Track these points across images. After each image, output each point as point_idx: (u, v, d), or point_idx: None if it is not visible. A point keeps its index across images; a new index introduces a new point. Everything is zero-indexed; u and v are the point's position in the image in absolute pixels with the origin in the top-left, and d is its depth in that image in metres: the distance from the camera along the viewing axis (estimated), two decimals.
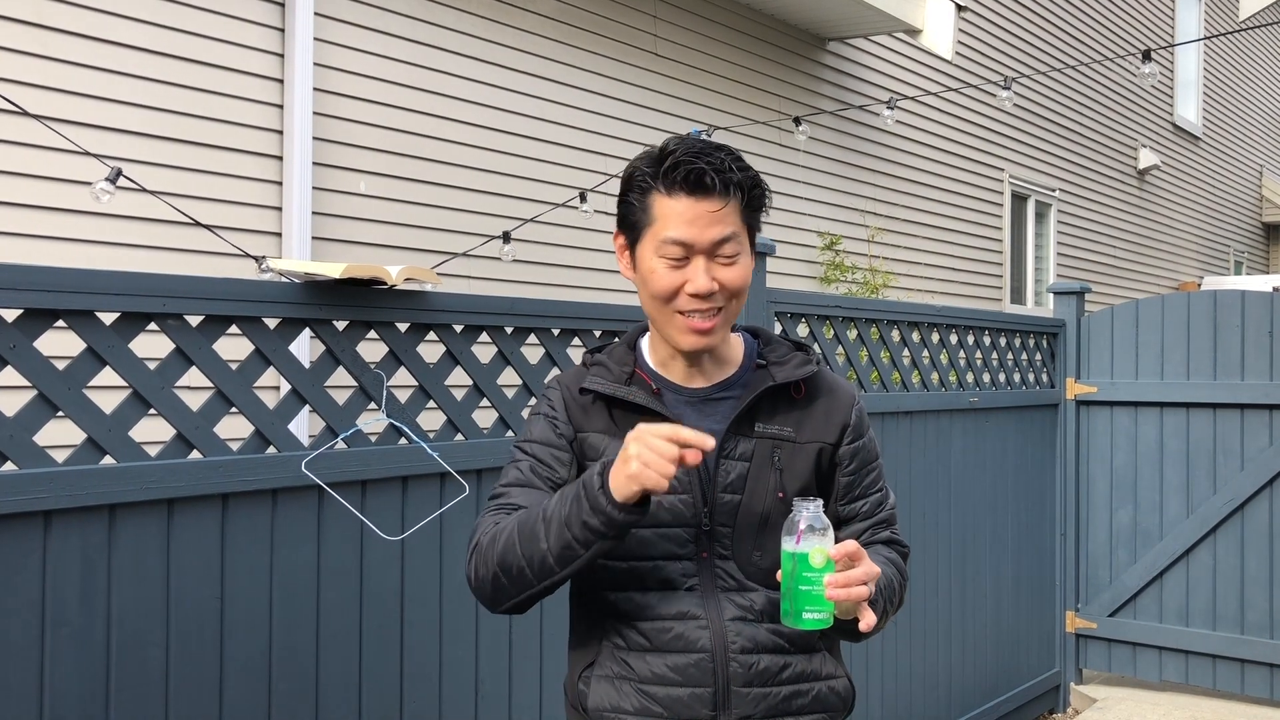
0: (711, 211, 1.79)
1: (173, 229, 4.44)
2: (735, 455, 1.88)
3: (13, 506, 2.05)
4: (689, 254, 1.80)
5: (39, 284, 2.11)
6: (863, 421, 1.99)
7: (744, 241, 1.85)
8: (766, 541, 1.86)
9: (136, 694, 2.22)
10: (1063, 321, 5.78)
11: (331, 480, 2.53)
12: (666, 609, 1.86)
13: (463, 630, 2.83)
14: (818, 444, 1.93)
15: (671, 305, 1.83)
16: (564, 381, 2.01)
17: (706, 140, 1.86)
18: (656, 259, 1.82)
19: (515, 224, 5.67)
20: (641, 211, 1.83)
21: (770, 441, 1.90)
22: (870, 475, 2.00)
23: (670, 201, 1.80)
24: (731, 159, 1.83)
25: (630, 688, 1.87)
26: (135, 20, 4.43)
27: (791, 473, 1.89)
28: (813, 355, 1.99)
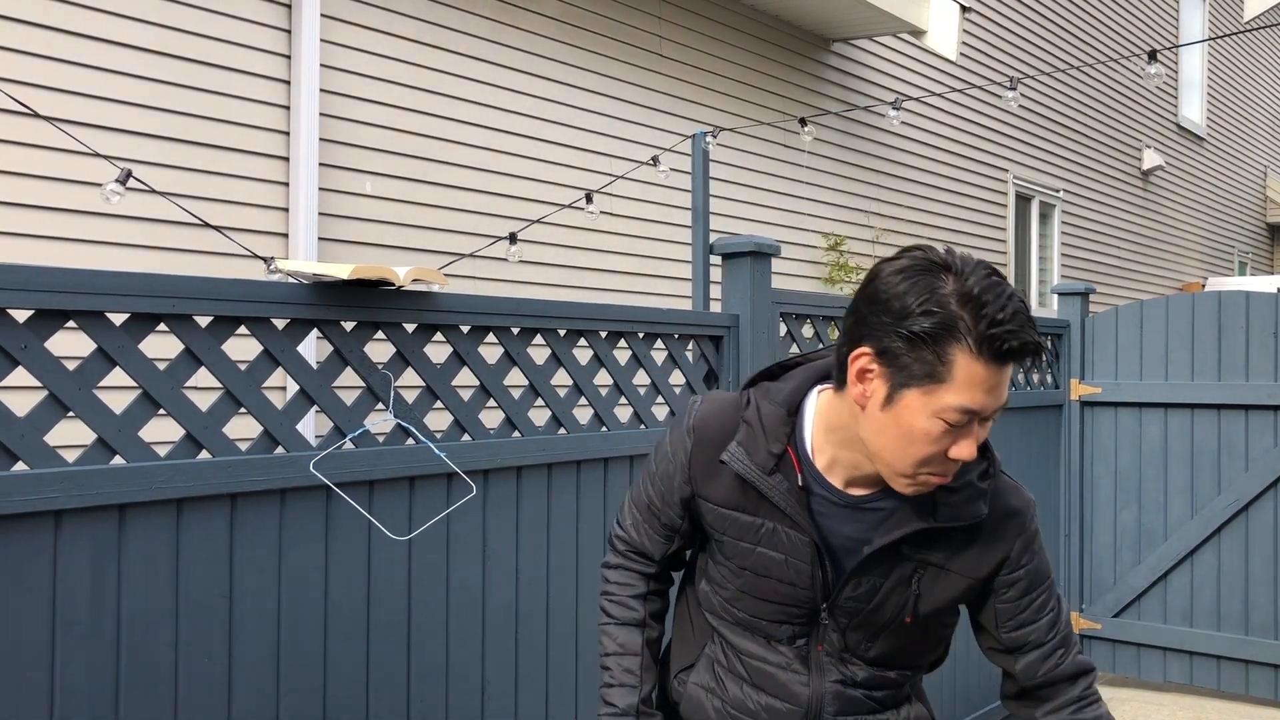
0: (1006, 378, 1.60)
1: (180, 230, 4.46)
2: (870, 571, 1.76)
3: (24, 506, 2.06)
4: (970, 420, 1.60)
5: (49, 285, 2.12)
6: (1028, 549, 1.79)
7: None
8: (881, 640, 1.83)
9: (146, 693, 2.23)
10: (1067, 322, 5.78)
11: (339, 480, 2.54)
12: (772, 656, 1.87)
13: (469, 630, 2.84)
14: (967, 579, 1.78)
15: (921, 463, 1.62)
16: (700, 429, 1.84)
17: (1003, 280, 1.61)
18: (932, 419, 1.58)
19: (521, 225, 5.68)
20: (933, 361, 1.56)
21: (914, 563, 1.76)
22: (1038, 599, 1.81)
23: (977, 366, 1.55)
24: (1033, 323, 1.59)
25: (721, 706, 1.91)
26: (142, 21, 4.44)
27: (929, 599, 1.78)
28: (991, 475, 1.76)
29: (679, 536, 1.95)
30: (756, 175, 7.66)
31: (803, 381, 1.81)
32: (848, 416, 1.69)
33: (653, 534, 1.96)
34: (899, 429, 1.60)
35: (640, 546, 1.99)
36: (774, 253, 3.76)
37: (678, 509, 1.89)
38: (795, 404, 1.79)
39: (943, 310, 1.56)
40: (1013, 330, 1.55)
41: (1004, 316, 1.55)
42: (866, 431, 1.65)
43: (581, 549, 3.14)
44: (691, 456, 1.83)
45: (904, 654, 1.87)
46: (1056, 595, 1.86)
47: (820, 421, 1.76)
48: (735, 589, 1.86)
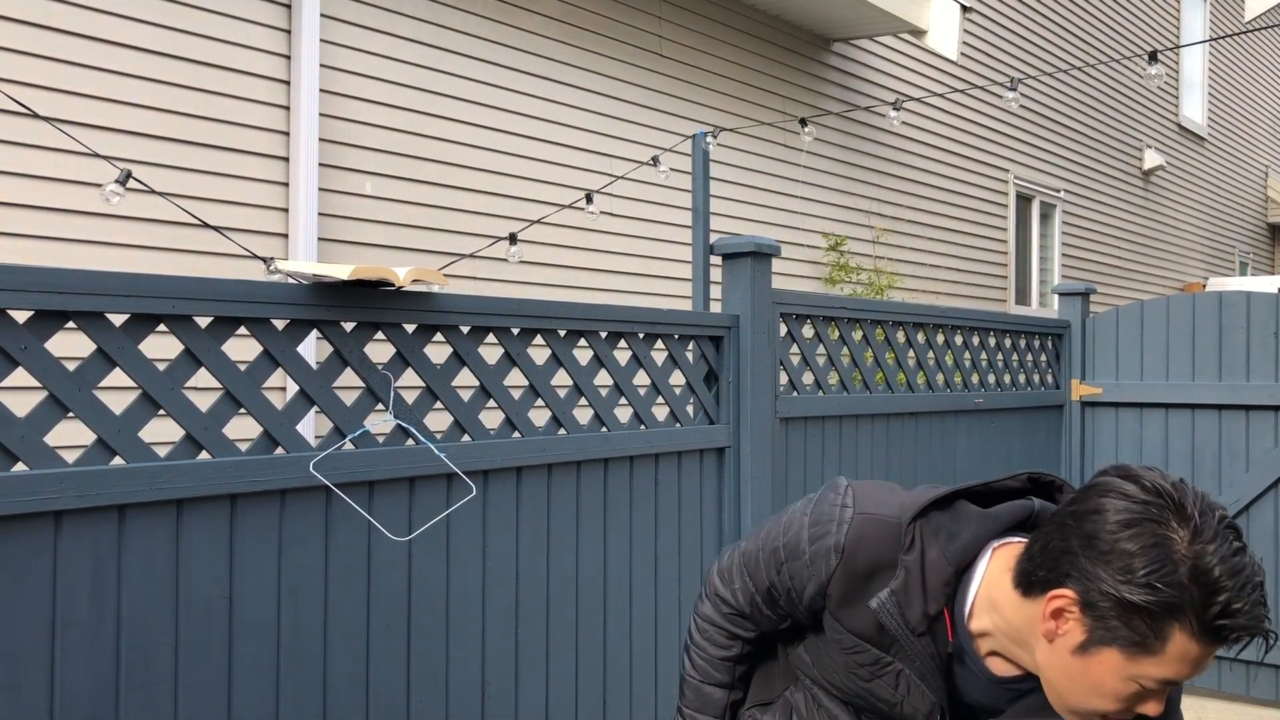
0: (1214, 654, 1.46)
1: (179, 230, 4.46)
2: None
3: (24, 507, 2.06)
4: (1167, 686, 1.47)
5: (49, 285, 2.12)
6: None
7: None
8: None
9: (146, 693, 2.23)
10: (1068, 322, 5.78)
11: (339, 481, 2.54)
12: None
13: (469, 631, 2.84)
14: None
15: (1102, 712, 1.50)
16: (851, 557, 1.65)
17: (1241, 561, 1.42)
18: (1128, 682, 1.45)
19: (521, 225, 5.68)
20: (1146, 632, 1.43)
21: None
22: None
23: (1191, 645, 1.41)
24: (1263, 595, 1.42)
25: None
26: (141, 22, 4.44)
27: None
28: None
29: (792, 621, 1.82)
30: (757, 175, 7.66)
31: (979, 533, 1.62)
32: (1022, 623, 1.54)
33: (765, 611, 1.82)
34: (1088, 680, 1.47)
35: (745, 613, 1.86)
36: (774, 253, 3.76)
37: (803, 610, 1.73)
38: (967, 562, 1.61)
39: (1170, 588, 1.39)
40: (1245, 626, 1.39)
41: (1240, 607, 1.39)
42: (1047, 663, 1.52)
43: (581, 550, 3.14)
44: (833, 578, 1.66)
45: None
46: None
47: (986, 591, 1.59)
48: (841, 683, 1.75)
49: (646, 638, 3.36)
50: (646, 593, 3.37)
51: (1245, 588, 1.39)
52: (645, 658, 3.35)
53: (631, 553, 3.32)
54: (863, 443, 4.28)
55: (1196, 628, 1.39)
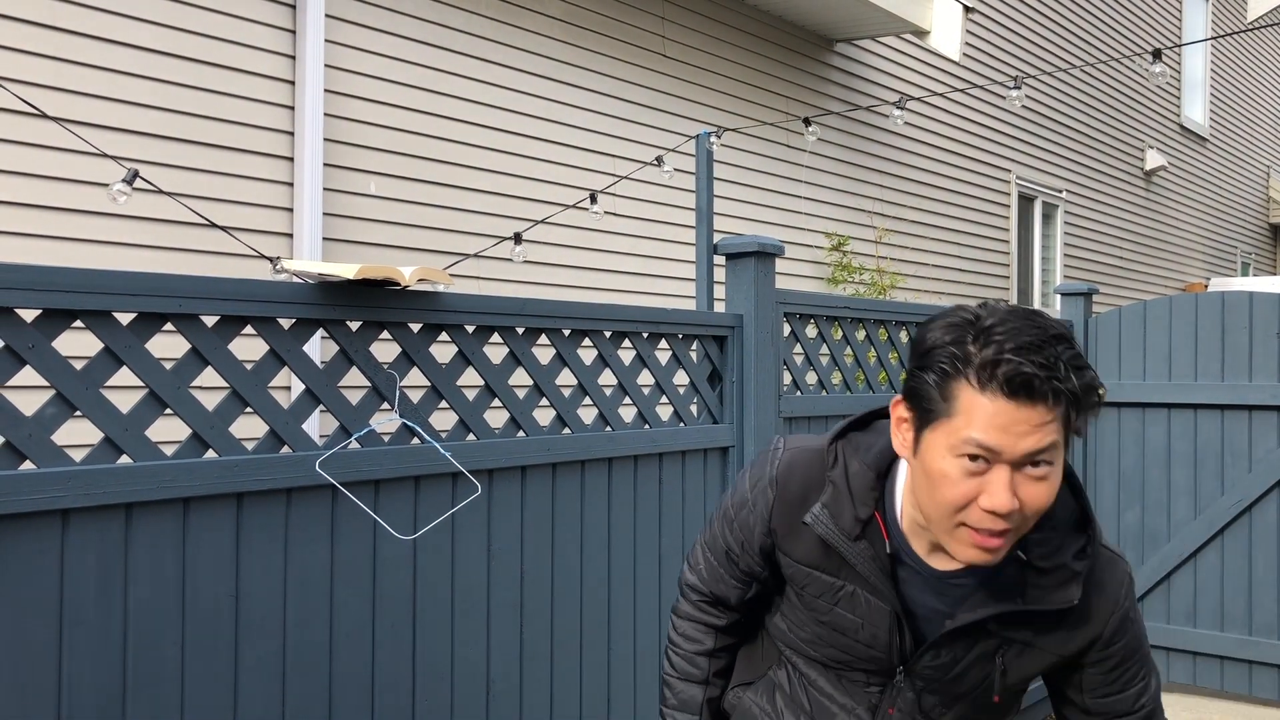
0: (1032, 423, 1.45)
1: (185, 229, 4.46)
2: (950, 645, 1.71)
3: (31, 505, 2.06)
4: (992, 461, 1.47)
5: (57, 284, 2.13)
6: (1123, 626, 1.69)
7: (1061, 451, 1.51)
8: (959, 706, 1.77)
9: (152, 692, 2.24)
10: (1070, 323, 5.78)
11: (345, 480, 2.55)
12: (839, 696, 1.82)
13: (474, 630, 2.84)
14: (1055, 655, 1.70)
15: (958, 516, 1.51)
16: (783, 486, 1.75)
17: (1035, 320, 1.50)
18: (951, 459, 1.49)
19: (525, 225, 5.69)
20: (939, 400, 1.49)
21: (998, 640, 1.68)
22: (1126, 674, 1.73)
23: (981, 398, 1.45)
24: (1068, 355, 1.46)
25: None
26: (146, 22, 4.45)
27: (1015, 673, 1.72)
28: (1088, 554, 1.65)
29: (757, 583, 1.87)
30: (760, 175, 7.66)
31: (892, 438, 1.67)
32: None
33: (730, 580, 1.87)
34: (926, 475, 1.52)
35: (715, 594, 1.91)
36: (778, 253, 3.76)
37: (758, 558, 1.81)
38: (885, 465, 1.68)
39: (954, 345, 1.48)
40: (1010, 360, 1.43)
41: (1012, 346, 1.44)
42: (912, 489, 1.59)
43: (586, 548, 3.15)
44: (773, 510, 1.74)
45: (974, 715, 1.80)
46: (1150, 666, 1.76)
47: (906, 486, 1.64)
48: (813, 634, 1.80)
49: (650, 636, 3.37)
50: (650, 591, 3.37)
51: (1020, 336, 1.44)
52: (649, 656, 3.36)
53: (635, 551, 3.32)
54: None
55: (975, 379, 1.45)
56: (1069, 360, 1.46)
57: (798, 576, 1.75)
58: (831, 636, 1.77)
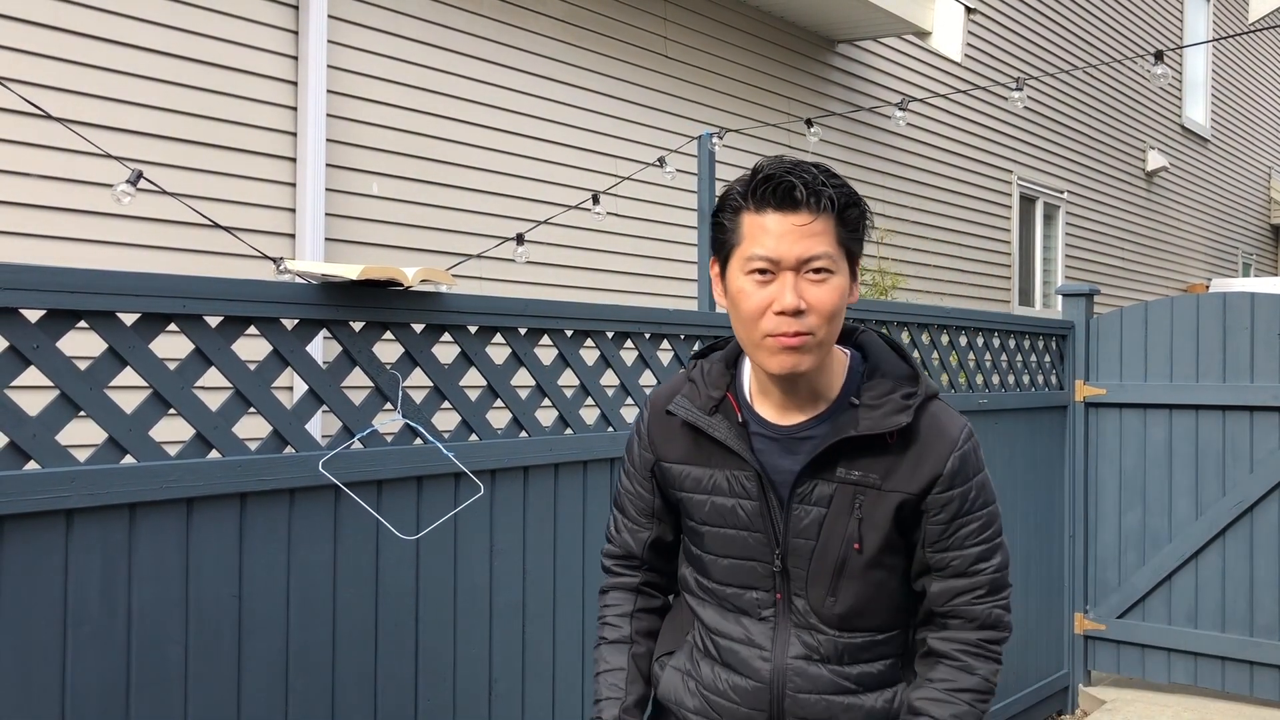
0: (800, 226, 1.71)
1: (188, 230, 4.47)
2: (811, 500, 1.81)
3: (36, 505, 2.07)
4: (776, 270, 1.72)
5: (61, 285, 2.13)
6: (962, 470, 1.82)
7: (839, 263, 1.75)
8: (841, 588, 1.83)
9: (156, 691, 2.24)
10: (1071, 323, 5.78)
11: (348, 480, 2.55)
12: (737, 632, 1.89)
13: (476, 629, 2.85)
14: (902, 494, 1.80)
15: (760, 326, 1.74)
16: (654, 398, 1.98)
17: (802, 160, 1.78)
18: (744, 277, 1.75)
19: (527, 225, 5.69)
20: (731, 231, 1.77)
21: (853, 487, 1.80)
22: (966, 528, 1.83)
23: (758, 218, 1.73)
24: (825, 174, 1.74)
25: (695, 688, 1.94)
26: (150, 23, 4.46)
27: (871, 523, 1.81)
28: (915, 397, 1.83)
29: (655, 519, 2.01)
30: None
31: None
32: None
33: (631, 525, 2.03)
34: (733, 302, 1.78)
35: (624, 547, 2.05)
36: None
37: (647, 483, 1.98)
38: (733, 357, 1.93)
39: (736, 187, 1.78)
40: (774, 175, 1.72)
41: (773, 169, 1.73)
42: (734, 329, 1.82)
43: (588, 548, 3.15)
44: (649, 424, 1.96)
45: (867, 610, 1.85)
46: (997, 543, 1.86)
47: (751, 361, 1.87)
48: (703, 553, 1.91)
49: None
50: None
51: (782, 161, 1.76)
52: None
53: None
54: None
55: (751, 199, 1.74)
56: (826, 175, 1.75)
57: (676, 480, 1.91)
58: (717, 541, 1.89)
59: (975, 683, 1.82)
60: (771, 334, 1.73)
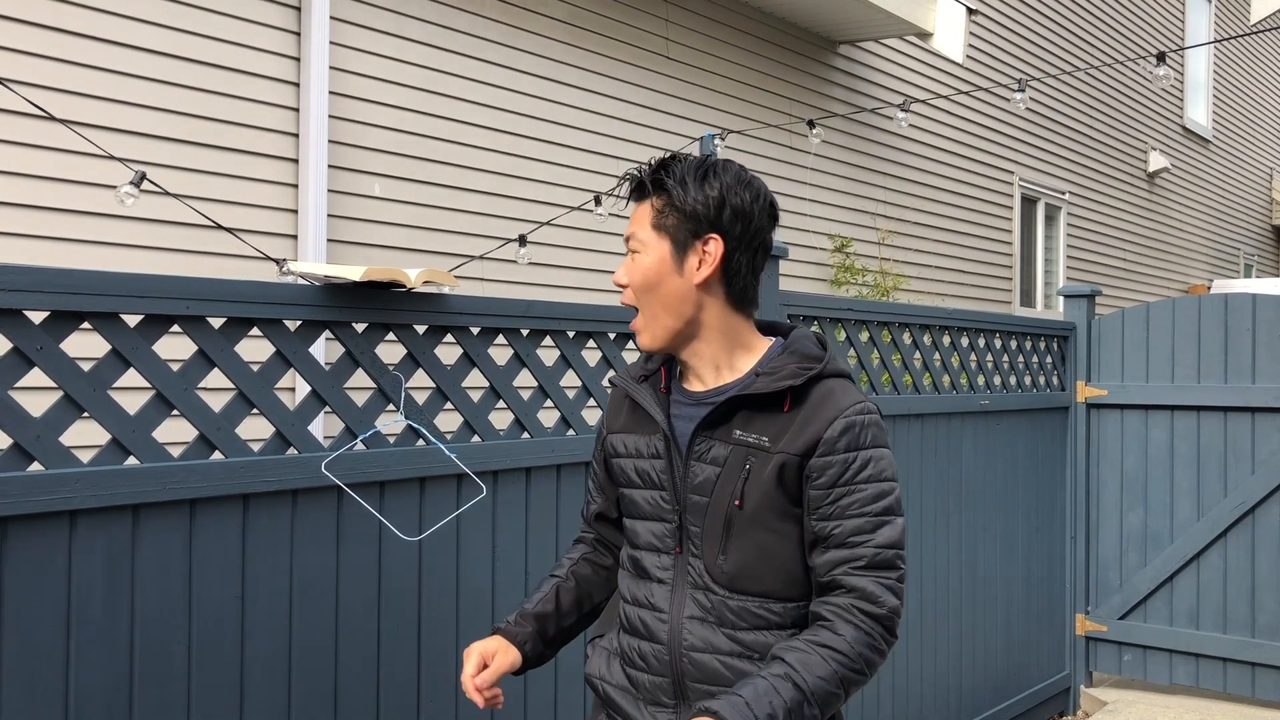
0: (633, 213, 1.95)
1: (191, 231, 4.47)
2: (707, 459, 1.92)
3: (39, 506, 2.07)
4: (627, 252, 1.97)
5: (65, 286, 2.14)
6: (848, 436, 1.86)
7: (651, 244, 1.91)
8: (730, 546, 1.90)
9: (159, 692, 2.25)
10: (1073, 324, 5.78)
11: (350, 481, 2.56)
12: (643, 596, 2.00)
13: (479, 631, 2.85)
14: (783, 455, 1.87)
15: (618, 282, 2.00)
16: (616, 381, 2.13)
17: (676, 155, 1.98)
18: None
19: (529, 226, 5.70)
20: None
21: (745, 449, 1.89)
22: (848, 498, 1.85)
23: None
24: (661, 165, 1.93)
25: (617, 663, 2.04)
26: (152, 24, 4.46)
27: (755, 481, 1.88)
28: (813, 367, 1.91)
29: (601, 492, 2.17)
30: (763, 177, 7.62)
31: None
32: None
33: (593, 494, 2.19)
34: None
35: (586, 515, 2.22)
36: (781, 255, 3.77)
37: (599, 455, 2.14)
38: None
39: None
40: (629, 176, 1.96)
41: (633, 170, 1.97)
42: None
43: None
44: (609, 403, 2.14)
45: (756, 572, 1.90)
46: (883, 520, 1.86)
47: None
48: (629, 519, 2.05)
49: None
50: None
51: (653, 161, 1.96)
52: None
53: None
54: None
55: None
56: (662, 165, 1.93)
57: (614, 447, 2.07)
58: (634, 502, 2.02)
59: (838, 643, 1.81)
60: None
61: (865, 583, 1.83)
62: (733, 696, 1.76)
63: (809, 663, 1.79)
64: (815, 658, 1.79)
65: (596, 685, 2.05)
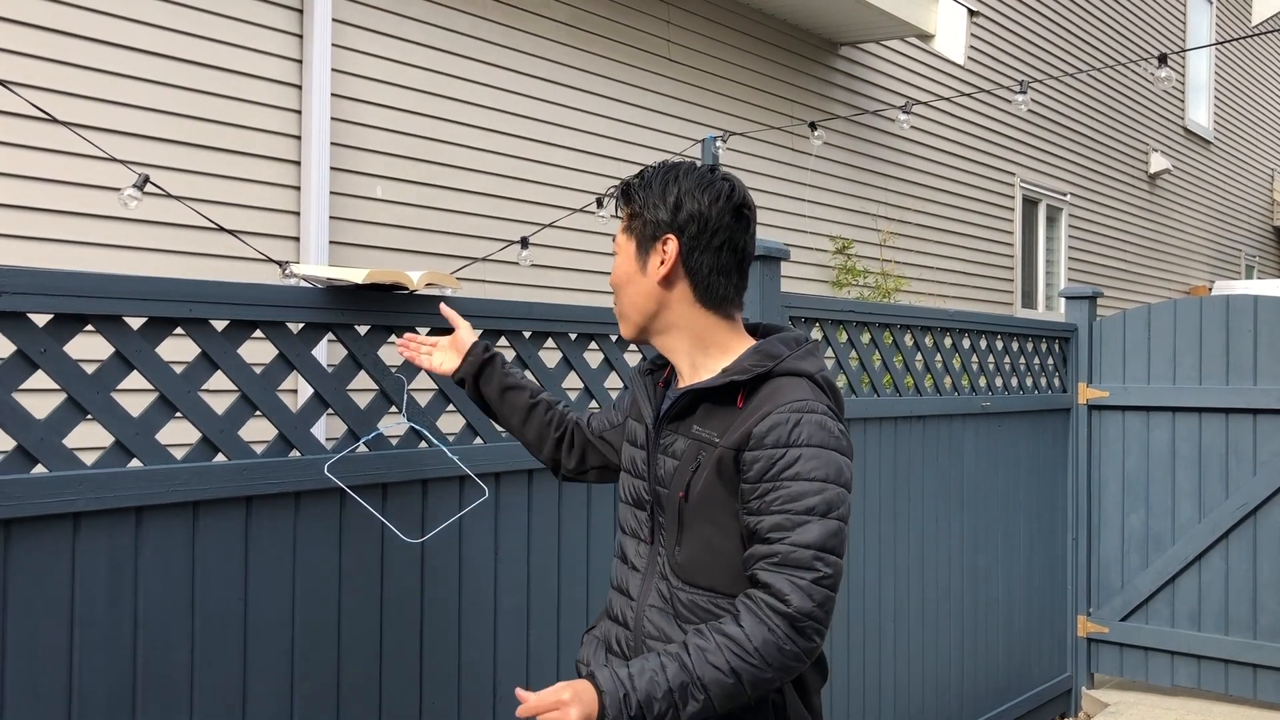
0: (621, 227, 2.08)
1: (192, 233, 4.48)
2: (670, 451, 2.01)
3: (43, 509, 2.08)
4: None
5: (69, 289, 2.14)
6: (775, 432, 1.86)
7: (622, 247, 2.05)
8: (682, 538, 1.97)
9: (162, 694, 2.25)
10: (1074, 326, 5.79)
11: (353, 483, 2.56)
12: (621, 582, 2.09)
13: (481, 634, 2.85)
14: (722, 449, 1.91)
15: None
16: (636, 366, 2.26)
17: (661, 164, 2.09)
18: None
19: (531, 229, 5.70)
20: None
21: (699, 443, 1.96)
22: (773, 494, 1.85)
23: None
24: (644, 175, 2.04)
25: (601, 650, 2.10)
26: (154, 26, 4.47)
27: (700, 473, 1.94)
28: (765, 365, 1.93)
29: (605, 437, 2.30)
30: (765, 179, 7.67)
31: None
32: None
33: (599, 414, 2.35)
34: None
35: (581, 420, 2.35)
36: (783, 256, 3.77)
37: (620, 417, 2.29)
38: None
39: None
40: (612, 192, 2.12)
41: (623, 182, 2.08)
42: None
43: (592, 552, 3.16)
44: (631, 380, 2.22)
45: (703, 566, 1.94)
46: (805, 520, 1.83)
47: None
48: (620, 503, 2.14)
49: None
50: None
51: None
52: None
53: None
54: (870, 446, 4.30)
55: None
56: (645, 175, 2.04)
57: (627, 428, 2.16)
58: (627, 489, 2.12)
59: (737, 634, 1.81)
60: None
61: (776, 579, 1.81)
62: (619, 668, 1.83)
63: (706, 648, 1.81)
64: (712, 644, 1.81)
65: (580, 671, 2.10)
